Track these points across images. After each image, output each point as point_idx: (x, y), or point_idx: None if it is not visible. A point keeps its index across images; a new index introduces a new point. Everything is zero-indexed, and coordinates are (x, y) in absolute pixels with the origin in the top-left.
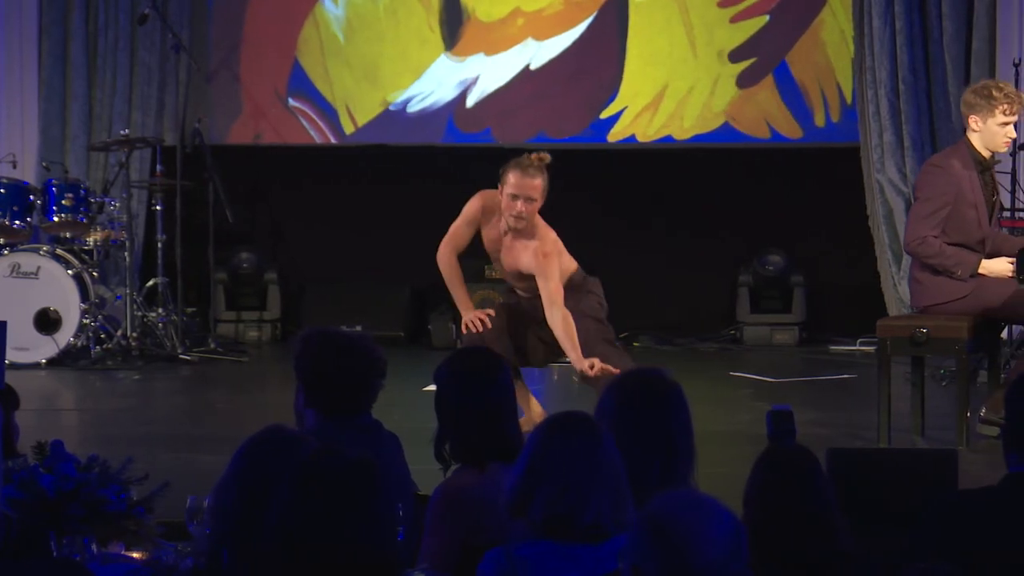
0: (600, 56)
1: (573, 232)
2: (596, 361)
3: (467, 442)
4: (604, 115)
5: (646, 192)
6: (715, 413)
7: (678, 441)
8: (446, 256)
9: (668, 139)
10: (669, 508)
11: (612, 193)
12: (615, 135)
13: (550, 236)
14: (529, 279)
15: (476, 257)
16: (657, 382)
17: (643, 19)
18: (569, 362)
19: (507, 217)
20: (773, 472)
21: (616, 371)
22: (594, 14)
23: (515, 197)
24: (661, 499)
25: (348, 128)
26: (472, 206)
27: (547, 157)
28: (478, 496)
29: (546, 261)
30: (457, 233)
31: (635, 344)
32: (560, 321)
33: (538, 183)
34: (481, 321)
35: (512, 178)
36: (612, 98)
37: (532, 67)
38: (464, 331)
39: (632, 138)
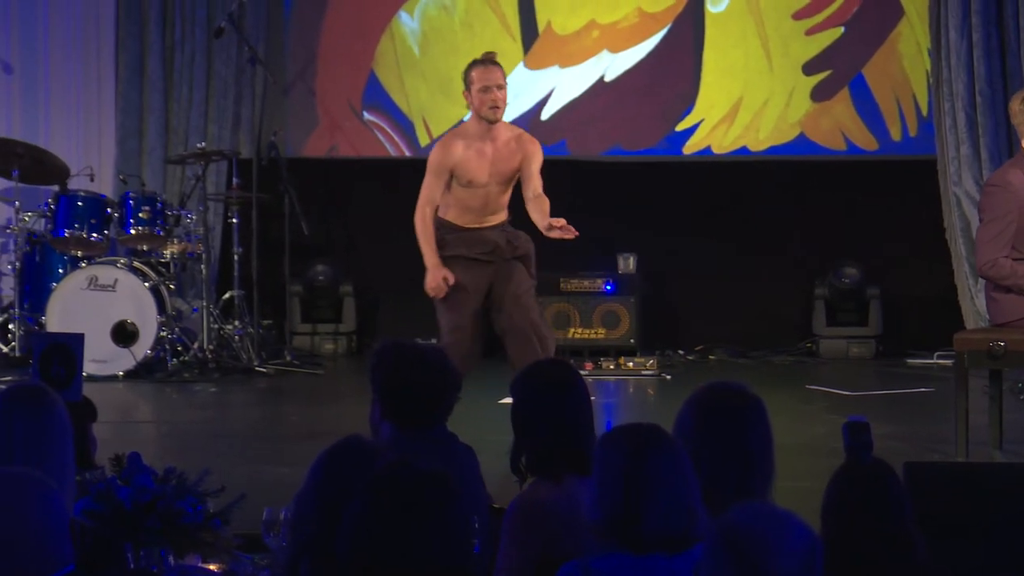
0: (675, 68)
1: (649, 243)
2: (562, 221)
3: (543, 454)
4: (680, 127)
5: (721, 204)
6: (791, 426)
7: (757, 455)
8: (424, 216)
9: (743, 151)
10: (745, 520)
11: (687, 205)
12: (691, 147)
13: None
14: (506, 182)
15: (552, 269)
16: (738, 396)
17: (718, 31)
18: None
19: (484, 112)
20: (850, 486)
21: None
22: (668, 26)
23: (486, 89)
24: (737, 511)
25: (423, 140)
26: (434, 157)
27: (494, 54)
28: (554, 509)
29: (538, 148)
30: (430, 189)
31: (711, 357)
32: (531, 203)
33: (501, 71)
34: (458, 331)
35: (476, 75)
36: (688, 110)
37: (607, 79)
38: (430, 293)
39: (708, 150)
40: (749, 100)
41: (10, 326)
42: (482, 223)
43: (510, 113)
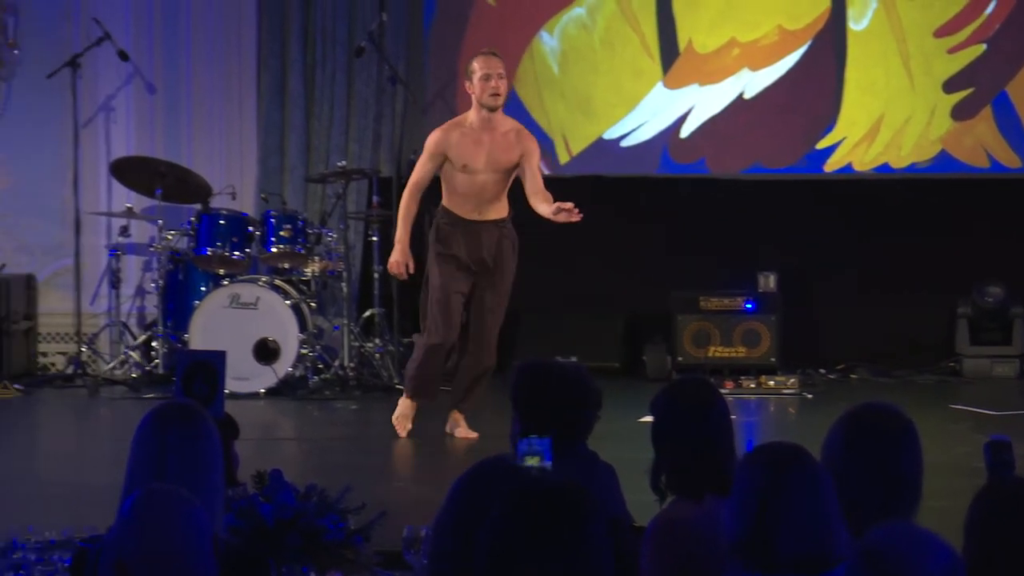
0: (816, 86)
1: (789, 261)
2: (569, 205)
3: (683, 473)
4: (820, 145)
5: (862, 222)
6: (933, 446)
7: (906, 479)
8: (410, 195)
9: (885, 168)
10: (887, 541)
11: (828, 223)
12: (831, 165)
13: None
14: (503, 172)
15: (692, 288)
16: (892, 418)
17: (860, 49)
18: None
19: (485, 99)
20: (993, 505)
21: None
22: (809, 43)
23: (487, 77)
24: (879, 531)
25: (563, 158)
26: (430, 140)
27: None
28: (694, 528)
29: (535, 145)
30: (420, 172)
31: (852, 376)
32: (533, 196)
33: (501, 61)
34: (445, 313)
35: (478, 65)
36: (829, 128)
37: (747, 96)
38: (391, 270)
39: (848, 167)
40: (890, 118)
41: (153, 344)
42: (481, 215)
43: (649, 130)
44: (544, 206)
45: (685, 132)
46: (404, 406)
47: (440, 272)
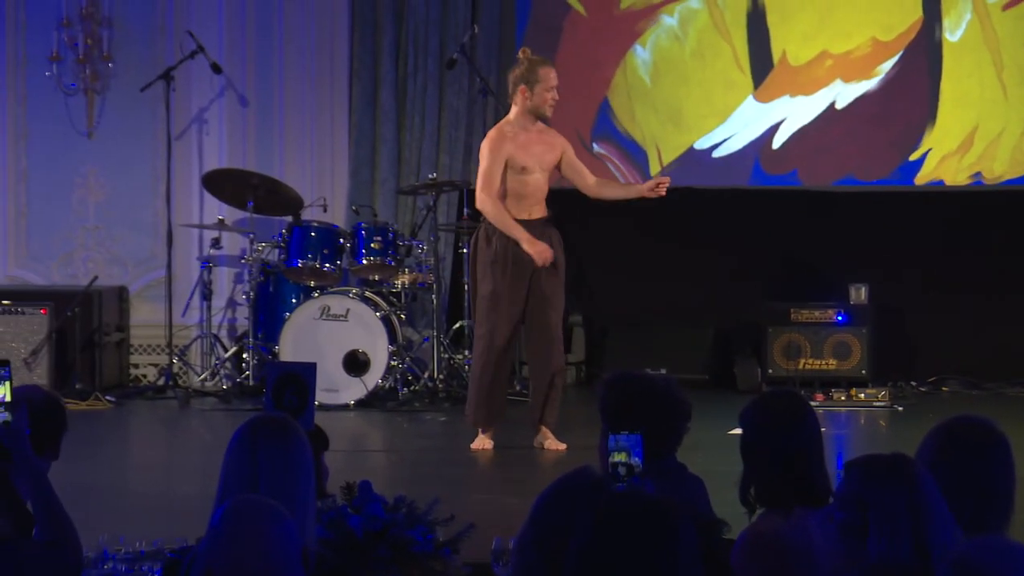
0: (908, 97)
1: (881, 273)
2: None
3: (773, 486)
4: (913, 157)
5: (954, 234)
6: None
7: (998, 492)
8: (493, 201)
9: (978, 182)
10: (978, 553)
11: (920, 235)
12: (922, 178)
13: None
14: (549, 171)
15: (782, 299)
16: (984, 431)
17: (953, 60)
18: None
19: (544, 109)
20: None
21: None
22: (901, 54)
23: (551, 88)
24: (970, 545)
25: (654, 171)
26: (494, 143)
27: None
28: (784, 540)
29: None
30: (493, 175)
31: (943, 388)
32: (600, 184)
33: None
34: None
35: (545, 73)
36: (920, 140)
37: (839, 108)
38: (540, 261)
39: (940, 182)
40: (984, 130)
41: (244, 355)
42: (531, 214)
43: (740, 141)
44: (620, 189)
45: (777, 143)
46: (479, 440)
47: (494, 279)
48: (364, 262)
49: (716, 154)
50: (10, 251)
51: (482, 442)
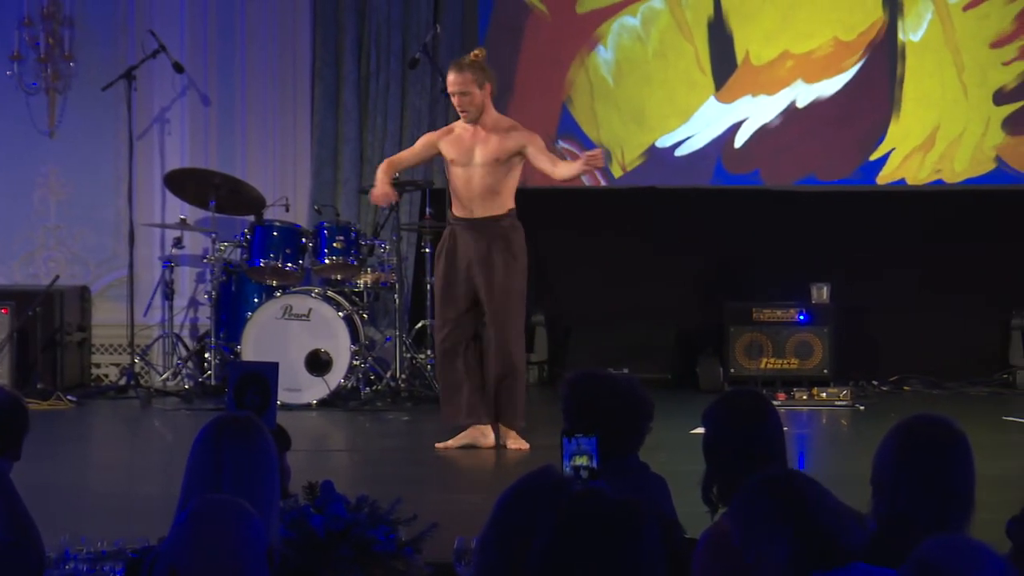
0: (870, 98)
1: (842, 273)
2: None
3: (735, 485)
4: (874, 157)
5: (915, 234)
6: (985, 458)
7: (958, 491)
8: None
9: (939, 181)
10: (940, 553)
11: (881, 235)
12: (884, 177)
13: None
14: (496, 169)
15: (744, 299)
16: (944, 430)
17: (915, 61)
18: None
19: (459, 112)
20: None
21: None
22: (864, 56)
23: (452, 95)
24: (932, 544)
25: (617, 172)
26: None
27: (480, 53)
28: None
29: (533, 136)
30: (410, 151)
31: (905, 388)
32: (560, 168)
33: (465, 76)
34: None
35: (448, 79)
36: (882, 139)
37: (800, 107)
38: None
39: (902, 181)
40: (945, 130)
41: (206, 355)
42: (472, 212)
43: (703, 140)
44: (567, 166)
45: (739, 143)
46: (465, 435)
47: (437, 272)
48: (327, 261)
49: (678, 152)
50: None
51: (468, 437)
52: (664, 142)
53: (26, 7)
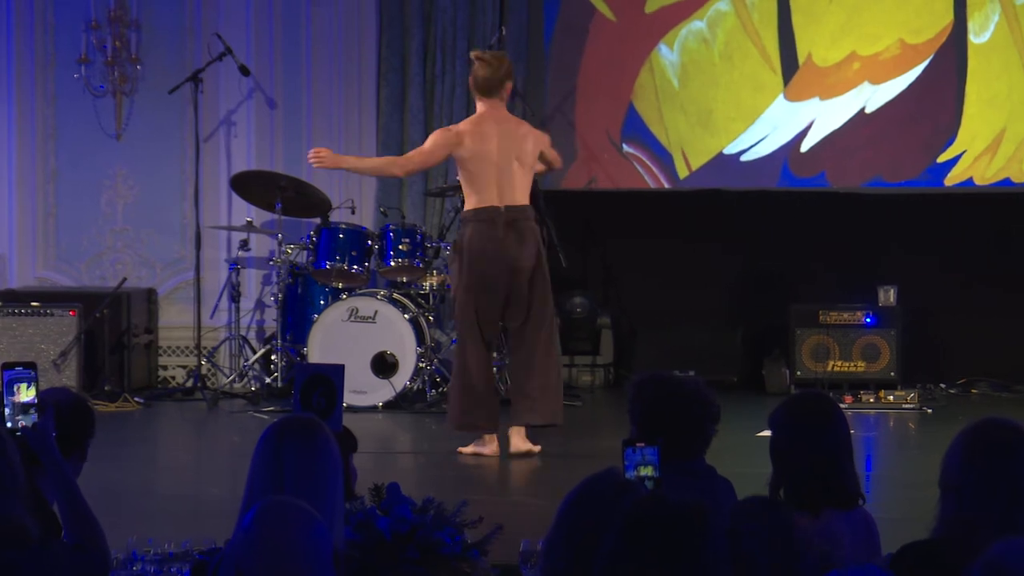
0: (937, 99)
1: (910, 275)
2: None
3: (802, 488)
4: (941, 159)
5: (984, 236)
6: None
7: None
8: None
9: (1006, 182)
10: (1008, 555)
11: (949, 237)
12: (952, 179)
13: None
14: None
15: (811, 302)
16: (1012, 433)
17: (981, 62)
18: None
19: None
20: None
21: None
22: (930, 57)
23: None
24: (1000, 546)
25: (682, 173)
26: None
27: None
28: (812, 543)
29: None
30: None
31: (973, 391)
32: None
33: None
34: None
35: None
36: (950, 141)
37: (868, 110)
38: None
39: (970, 181)
40: (1012, 131)
41: (272, 357)
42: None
43: (770, 144)
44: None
45: (806, 146)
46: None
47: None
48: (392, 264)
49: (744, 155)
50: (39, 252)
51: (481, 445)
52: (730, 145)
53: (93, 10)
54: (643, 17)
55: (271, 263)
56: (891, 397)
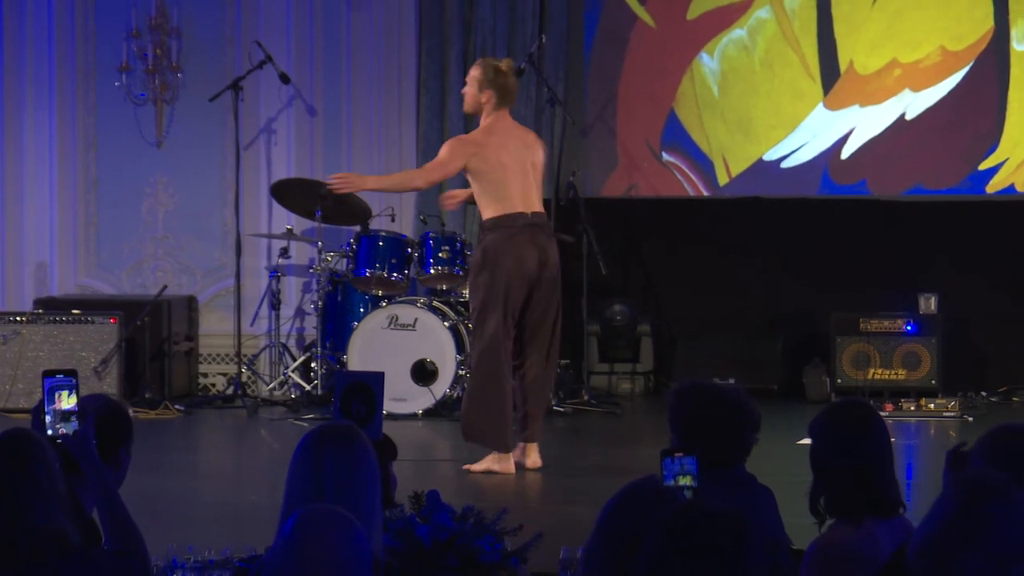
0: (978, 106)
1: (951, 283)
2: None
3: (843, 496)
4: (983, 166)
5: (1023, 243)
6: None
7: None
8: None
9: None
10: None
11: (990, 245)
12: (994, 186)
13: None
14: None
15: (852, 309)
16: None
17: (1023, 69)
18: None
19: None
20: None
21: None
22: (971, 64)
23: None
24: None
25: (723, 180)
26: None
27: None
28: (853, 551)
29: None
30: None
31: (1014, 399)
32: None
33: (473, 69)
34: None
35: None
36: (992, 149)
37: (908, 117)
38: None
39: (1011, 188)
40: None
41: (312, 364)
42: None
43: (809, 151)
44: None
45: (846, 153)
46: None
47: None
48: (432, 271)
49: (784, 163)
50: (80, 260)
51: (497, 462)
52: (770, 152)
53: (134, 19)
54: (684, 25)
55: (311, 271)
56: (932, 405)
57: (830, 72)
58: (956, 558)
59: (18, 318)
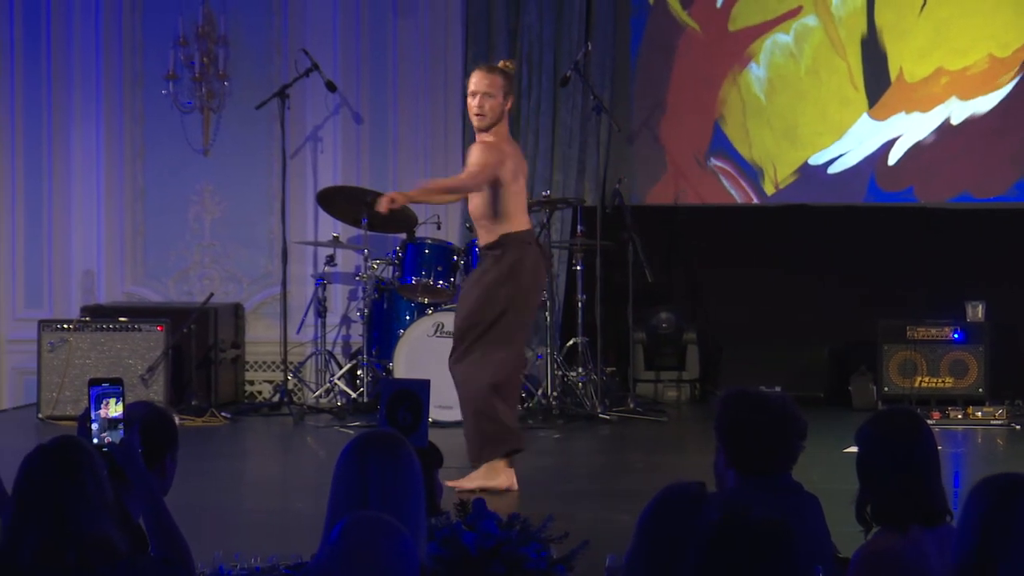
0: None
1: (998, 291)
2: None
3: (889, 504)
4: None
5: None
6: None
7: None
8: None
9: None
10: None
11: None
12: None
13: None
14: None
15: (898, 317)
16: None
17: None
18: None
19: (471, 118)
20: None
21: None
22: (1019, 71)
23: (472, 95)
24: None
25: (769, 189)
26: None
27: (510, 65)
28: (899, 559)
29: None
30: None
31: None
32: None
33: (493, 79)
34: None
35: (473, 78)
36: None
37: (954, 124)
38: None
39: None
40: None
41: (359, 372)
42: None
43: (855, 158)
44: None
45: (892, 160)
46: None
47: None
48: None
49: (831, 170)
50: (127, 268)
51: (492, 478)
52: (817, 160)
53: (181, 27)
54: (729, 33)
55: (357, 278)
56: (979, 413)
57: (875, 80)
58: (999, 561)
59: (65, 326)
